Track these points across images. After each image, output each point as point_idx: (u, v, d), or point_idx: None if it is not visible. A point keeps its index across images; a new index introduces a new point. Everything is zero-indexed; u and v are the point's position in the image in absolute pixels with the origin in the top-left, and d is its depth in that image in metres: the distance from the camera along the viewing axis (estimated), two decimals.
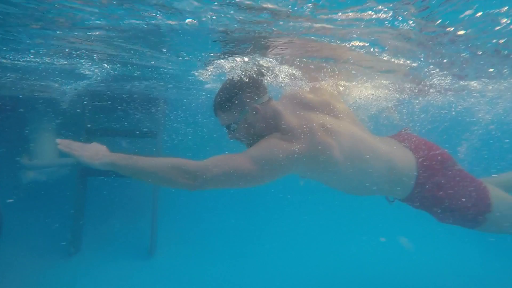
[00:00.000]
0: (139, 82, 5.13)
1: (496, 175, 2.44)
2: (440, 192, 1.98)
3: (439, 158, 2.04)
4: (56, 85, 5.12)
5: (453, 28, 2.03)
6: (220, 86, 2.00)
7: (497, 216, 1.97)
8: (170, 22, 2.14)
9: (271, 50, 2.83)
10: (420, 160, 2.03)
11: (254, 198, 8.43)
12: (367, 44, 2.48)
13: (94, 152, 1.62)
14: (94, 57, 3.48)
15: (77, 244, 5.25)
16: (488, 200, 1.98)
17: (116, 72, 4.28)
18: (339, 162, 1.80)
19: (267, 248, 5.98)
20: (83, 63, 3.77)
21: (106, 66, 3.93)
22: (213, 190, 1.68)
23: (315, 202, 8.73)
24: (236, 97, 1.84)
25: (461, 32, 2.10)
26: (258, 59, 3.11)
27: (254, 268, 5.16)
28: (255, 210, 8.06)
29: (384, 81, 4.15)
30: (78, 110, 5.71)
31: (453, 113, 6.11)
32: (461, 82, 3.90)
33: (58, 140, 1.59)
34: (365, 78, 3.85)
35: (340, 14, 1.87)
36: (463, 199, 1.98)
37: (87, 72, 4.15)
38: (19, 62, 3.72)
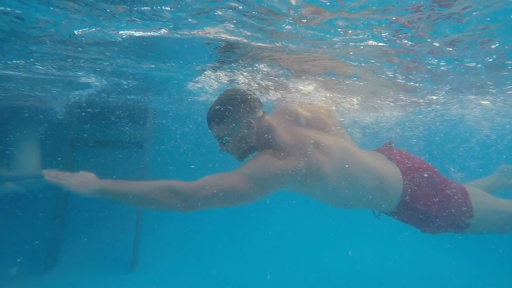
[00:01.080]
0: (130, 95, 5.09)
1: (472, 182, 2.53)
2: (425, 204, 2.02)
3: (422, 171, 2.10)
4: (44, 94, 5.02)
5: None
6: (214, 98, 2.00)
7: (479, 219, 2.03)
8: (165, 32, 2.15)
9: (270, 64, 2.88)
10: (405, 173, 2.08)
11: (239, 212, 8.34)
12: (362, 59, 2.56)
13: (82, 181, 1.60)
14: (89, 68, 3.44)
15: (53, 258, 5.00)
16: (470, 204, 2.03)
17: (111, 84, 4.24)
18: (330, 177, 1.82)
19: (252, 261, 5.88)
20: (79, 74, 3.72)
21: (101, 77, 3.90)
22: (206, 210, 1.65)
23: (300, 211, 8.72)
24: (231, 110, 1.83)
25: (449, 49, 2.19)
26: (258, 72, 3.16)
27: (238, 281, 5.03)
28: (239, 223, 7.95)
29: (390, 102, 4.26)
30: (63, 120, 5.58)
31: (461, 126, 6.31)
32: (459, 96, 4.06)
33: (45, 171, 1.58)
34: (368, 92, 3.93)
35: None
36: (447, 209, 2.02)
37: (82, 80, 4.07)
38: (9, 72, 3.64)
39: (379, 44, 2.14)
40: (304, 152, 1.78)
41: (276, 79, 3.39)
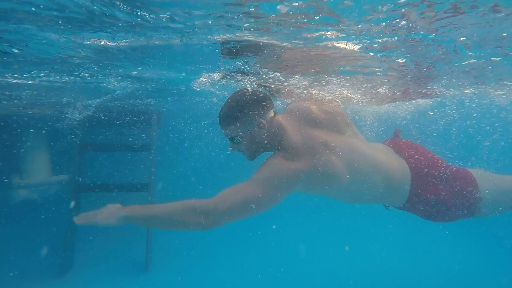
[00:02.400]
0: (140, 99, 5.11)
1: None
2: (434, 196, 2.04)
3: (428, 162, 2.12)
4: (53, 100, 5.09)
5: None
6: (224, 99, 2.00)
7: (488, 202, 2.05)
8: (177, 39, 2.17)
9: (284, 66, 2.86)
10: (412, 167, 2.10)
11: None
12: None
13: (109, 213, 1.69)
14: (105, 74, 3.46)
15: (69, 262, 5.12)
16: (478, 189, 2.06)
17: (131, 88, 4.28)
18: (341, 177, 1.83)
19: (263, 260, 5.91)
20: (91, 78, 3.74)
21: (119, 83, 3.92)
22: (227, 224, 1.69)
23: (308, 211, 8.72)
24: (242, 110, 1.85)
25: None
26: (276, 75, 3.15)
27: (249, 281, 5.08)
28: (250, 223, 7.98)
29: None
30: (71, 126, 5.66)
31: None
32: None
33: (75, 218, 1.71)
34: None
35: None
36: (456, 197, 2.04)
37: (107, 85, 4.09)
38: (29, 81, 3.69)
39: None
40: (315, 153, 1.79)
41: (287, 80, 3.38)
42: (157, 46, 2.39)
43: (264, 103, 1.90)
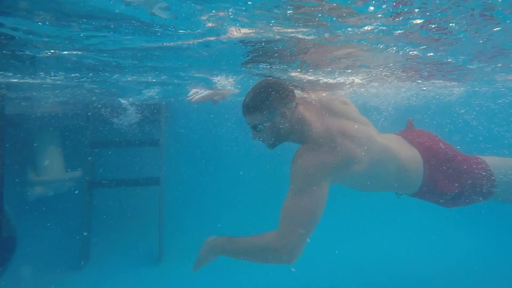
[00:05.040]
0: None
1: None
2: (446, 184, 2.05)
3: (441, 151, 2.13)
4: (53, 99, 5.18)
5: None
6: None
7: (502, 187, 2.05)
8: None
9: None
10: (425, 157, 2.11)
11: (260, 203, 8.40)
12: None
13: (207, 251, 1.90)
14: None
15: (86, 256, 5.29)
16: (492, 175, 2.06)
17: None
18: (361, 165, 1.87)
19: None
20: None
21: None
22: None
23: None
24: (266, 99, 1.89)
25: None
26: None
27: (263, 271, 5.14)
28: (262, 214, 8.01)
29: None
30: (82, 124, 5.77)
31: None
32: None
33: (193, 268, 1.94)
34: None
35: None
36: (469, 184, 2.05)
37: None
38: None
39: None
40: (337, 142, 1.83)
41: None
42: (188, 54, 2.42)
43: (287, 93, 1.94)
